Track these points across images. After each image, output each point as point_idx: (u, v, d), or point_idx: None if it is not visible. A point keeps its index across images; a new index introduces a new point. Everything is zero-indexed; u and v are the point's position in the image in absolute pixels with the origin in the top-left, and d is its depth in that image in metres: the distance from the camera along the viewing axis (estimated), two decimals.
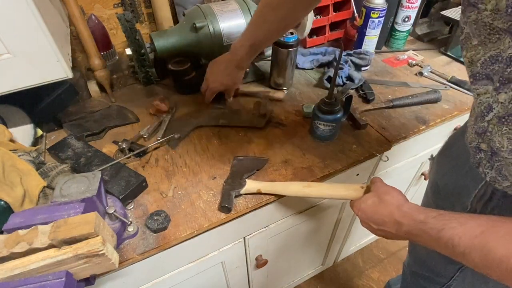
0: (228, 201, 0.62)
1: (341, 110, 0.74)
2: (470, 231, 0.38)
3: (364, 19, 0.98)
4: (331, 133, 0.76)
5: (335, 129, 0.75)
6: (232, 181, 0.66)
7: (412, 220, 0.46)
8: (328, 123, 0.73)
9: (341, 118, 0.74)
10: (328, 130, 0.75)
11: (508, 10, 0.34)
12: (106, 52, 0.89)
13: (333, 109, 0.72)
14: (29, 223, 0.45)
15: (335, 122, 0.73)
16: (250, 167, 0.70)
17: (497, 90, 0.41)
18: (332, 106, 0.72)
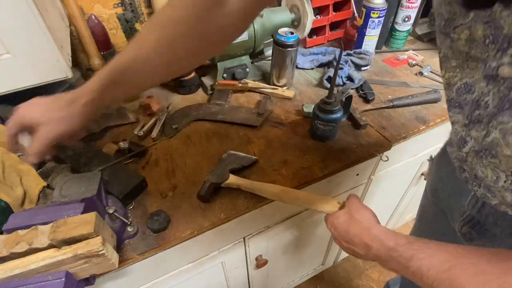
0: (206, 191, 0.64)
1: (341, 110, 0.74)
2: (438, 265, 0.38)
3: (364, 19, 0.98)
4: (331, 133, 0.76)
5: (334, 129, 0.75)
6: (216, 173, 0.68)
7: (381, 246, 0.46)
8: (328, 123, 0.73)
9: (341, 118, 0.74)
10: (328, 130, 0.75)
11: (486, 40, 0.32)
12: (106, 52, 0.89)
13: (333, 109, 0.72)
14: (29, 223, 0.45)
15: (335, 122, 0.73)
16: (237, 162, 0.72)
17: (467, 126, 0.40)
18: (332, 106, 0.72)
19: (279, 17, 0.93)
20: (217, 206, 0.65)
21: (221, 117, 0.84)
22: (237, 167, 0.70)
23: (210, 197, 0.65)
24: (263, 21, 0.88)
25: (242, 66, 0.94)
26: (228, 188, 0.67)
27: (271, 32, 0.93)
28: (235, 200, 0.65)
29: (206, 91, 0.94)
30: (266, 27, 0.90)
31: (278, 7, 0.97)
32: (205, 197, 0.64)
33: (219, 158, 0.73)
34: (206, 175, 0.69)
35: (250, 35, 0.87)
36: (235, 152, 0.74)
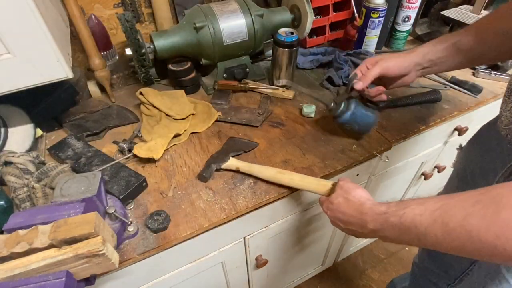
0: (207, 171, 0.68)
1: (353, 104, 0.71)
2: (429, 207, 0.39)
3: (364, 19, 0.98)
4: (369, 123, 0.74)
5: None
6: (217, 156, 0.72)
7: (374, 214, 0.47)
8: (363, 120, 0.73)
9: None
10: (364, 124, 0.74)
11: None
12: (106, 52, 0.89)
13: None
14: (29, 223, 0.45)
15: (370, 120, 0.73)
16: (239, 147, 0.75)
17: None
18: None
19: (279, 17, 0.93)
20: (217, 205, 0.65)
21: (222, 117, 0.84)
22: (239, 153, 0.74)
23: (210, 178, 0.69)
24: (263, 21, 0.89)
25: (242, 66, 0.94)
26: (230, 181, 0.67)
27: (271, 32, 0.93)
28: (235, 200, 0.65)
29: (207, 91, 0.94)
30: (266, 27, 0.90)
31: (278, 7, 0.98)
32: (205, 177, 0.68)
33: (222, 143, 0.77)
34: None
35: (250, 35, 0.87)
36: (237, 138, 0.78)
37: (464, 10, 1.06)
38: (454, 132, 1.03)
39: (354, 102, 0.71)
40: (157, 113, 0.83)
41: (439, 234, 0.38)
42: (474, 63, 0.68)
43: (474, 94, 0.93)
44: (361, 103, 0.72)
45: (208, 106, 0.86)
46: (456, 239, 0.36)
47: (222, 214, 0.63)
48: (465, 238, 0.35)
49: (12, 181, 0.59)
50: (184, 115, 0.83)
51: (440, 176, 1.24)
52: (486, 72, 0.99)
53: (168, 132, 0.77)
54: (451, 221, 0.36)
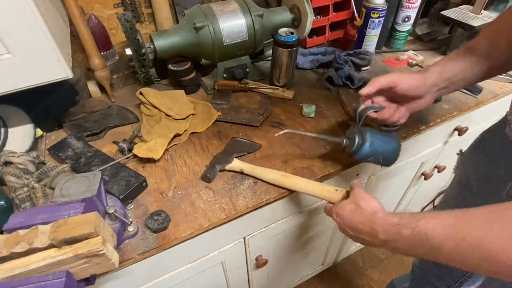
0: (211, 172, 0.68)
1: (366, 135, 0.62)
2: (443, 222, 0.39)
3: (364, 19, 0.98)
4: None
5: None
6: (221, 157, 0.72)
7: (386, 225, 0.46)
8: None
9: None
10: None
11: None
12: (106, 52, 0.89)
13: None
14: (29, 223, 0.45)
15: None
16: (242, 148, 0.75)
17: None
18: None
19: (279, 17, 0.93)
20: (217, 206, 0.65)
21: (222, 117, 0.84)
22: (242, 154, 0.74)
23: (214, 179, 0.69)
24: (263, 21, 0.89)
25: (242, 66, 0.94)
26: (230, 181, 0.67)
27: (271, 32, 0.93)
28: (235, 200, 0.65)
29: (206, 91, 0.94)
30: (266, 27, 0.90)
31: (278, 7, 0.98)
32: (209, 178, 0.68)
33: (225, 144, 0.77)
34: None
35: (250, 35, 0.87)
36: (240, 138, 0.78)
37: (464, 10, 1.06)
38: (454, 132, 1.03)
39: (369, 131, 0.62)
40: (157, 113, 0.83)
41: (452, 250, 0.37)
42: (493, 72, 0.58)
43: (474, 94, 0.92)
44: (376, 130, 0.64)
45: (208, 106, 0.86)
46: (470, 257, 0.36)
47: (222, 214, 0.63)
48: (480, 256, 0.35)
49: (12, 181, 0.59)
50: (184, 115, 0.83)
51: (440, 176, 1.24)
52: None
53: (168, 132, 0.77)
54: (466, 239, 0.36)
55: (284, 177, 0.66)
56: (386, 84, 0.60)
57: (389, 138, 0.63)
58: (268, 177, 0.67)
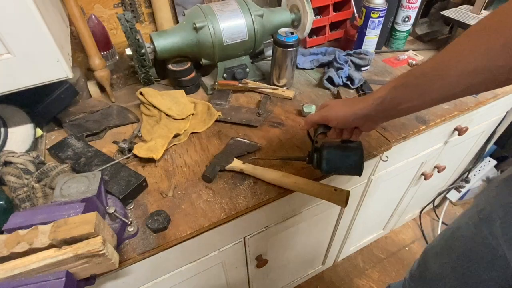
0: (211, 172, 0.68)
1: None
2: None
3: (364, 19, 0.98)
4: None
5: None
6: (221, 157, 0.72)
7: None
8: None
9: None
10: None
11: None
12: (106, 52, 0.89)
13: None
14: (29, 223, 0.45)
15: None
16: (242, 148, 0.75)
17: None
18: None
19: (279, 17, 0.93)
20: (217, 205, 0.65)
21: (222, 117, 0.84)
22: (242, 154, 0.74)
23: (214, 179, 0.69)
24: (263, 21, 0.89)
25: (242, 66, 0.94)
26: (230, 181, 0.67)
27: (271, 32, 0.93)
28: (235, 200, 0.65)
29: (206, 91, 0.94)
30: (266, 27, 0.90)
31: (278, 7, 0.98)
32: (209, 178, 0.68)
33: (225, 144, 0.77)
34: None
35: (250, 35, 0.87)
36: (241, 138, 0.78)
37: (464, 10, 1.06)
38: (454, 132, 1.03)
39: (326, 148, 0.62)
40: (157, 113, 0.83)
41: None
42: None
43: (474, 94, 0.93)
44: (335, 145, 0.62)
45: (208, 106, 0.86)
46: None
47: (222, 214, 0.63)
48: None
49: (12, 181, 0.59)
50: (184, 115, 0.83)
51: (440, 176, 1.24)
52: None
53: (168, 132, 0.77)
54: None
55: (284, 177, 0.66)
56: (319, 122, 0.60)
57: (349, 151, 0.62)
58: (268, 177, 0.67)
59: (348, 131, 0.60)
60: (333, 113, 0.56)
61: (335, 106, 0.57)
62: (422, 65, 0.43)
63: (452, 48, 0.39)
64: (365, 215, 1.13)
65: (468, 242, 0.63)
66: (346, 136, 0.60)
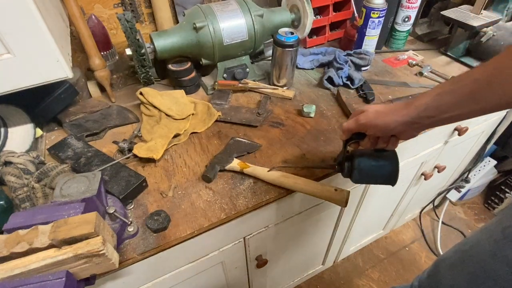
0: (211, 172, 0.68)
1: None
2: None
3: (364, 19, 0.98)
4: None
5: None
6: (221, 157, 0.71)
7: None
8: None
9: None
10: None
11: None
12: (106, 52, 0.89)
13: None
14: (29, 223, 0.45)
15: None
16: (242, 148, 0.75)
17: None
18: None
19: (279, 17, 0.93)
20: (217, 205, 0.65)
21: (222, 117, 0.84)
22: (242, 154, 0.74)
23: (214, 179, 0.69)
24: (263, 21, 0.89)
25: (242, 66, 0.94)
26: (230, 181, 0.67)
27: (271, 32, 0.93)
28: (235, 200, 0.65)
29: (206, 91, 0.94)
30: (266, 27, 0.90)
31: (278, 7, 0.98)
32: (209, 178, 0.67)
33: (225, 144, 0.77)
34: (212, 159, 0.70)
35: (250, 35, 0.87)
36: (240, 138, 0.78)
37: (464, 10, 1.06)
38: (454, 132, 1.03)
39: (358, 157, 0.58)
40: (157, 113, 0.83)
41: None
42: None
43: None
44: (368, 153, 0.59)
45: (208, 106, 0.86)
46: None
47: (222, 214, 0.63)
48: None
49: (12, 181, 0.59)
50: (184, 115, 0.83)
51: (440, 176, 1.24)
52: None
53: (168, 132, 0.77)
54: None
55: (284, 177, 0.66)
56: (356, 129, 0.56)
57: (383, 161, 0.58)
58: (268, 177, 0.67)
59: (385, 140, 0.56)
60: (371, 120, 0.53)
61: (373, 113, 0.53)
62: (473, 72, 0.42)
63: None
64: (365, 215, 1.13)
65: (488, 258, 0.61)
66: (381, 144, 0.56)
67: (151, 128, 0.80)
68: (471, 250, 0.67)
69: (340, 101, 0.89)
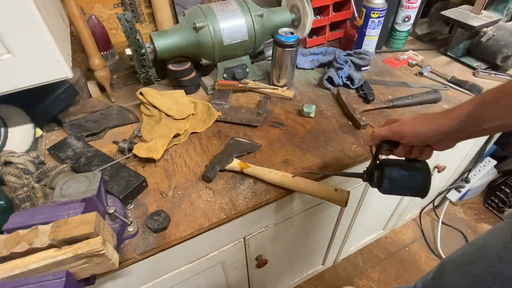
0: (211, 172, 0.68)
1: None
2: None
3: (364, 19, 0.98)
4: None
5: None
6: (221, 157, 0.71)
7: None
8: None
9: None
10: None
11: None
12: (106, 52, 0.89)
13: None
14: (29, 223, 0.45)
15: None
16: (242, 148, 0.75)
17: None
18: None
19: (279, 17, 0.93)
20: (217, 205, 0.65)
21: (222, 117, 0.84)
22: (242, 154, 0.74)
23: (214, 179, 0.69)
24: (263, 21, 0.89)
25: (242, 66, 0.94)
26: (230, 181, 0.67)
27: (271, 32, 0.93)
28: (235, 200, 0.65)
29: (206, 91, 0.94)
30: (266, 27, 0.90)
31: (278, 7, 0.98)
32: (209, 178, 0.68)
33: (225, 144, 0.77)
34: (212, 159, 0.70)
35: (250, 35, 0.87)
36: (240, 138, 0.78)
37: (464, 10, 1.06)
38: None
39: (389, 166, 0.56)
40: (157, 113, 0.83)
41: None
42: None
43: (474, 94, 0.93)
44: (399, 163, 0.56)
45: (208, 106, 0.86)
46: None
47: (222, 214, 0.63)
48: None
49: (12, 181, 0.59)
50: (184, 115, 0.83)
51: (440, 176, 1.24)
52: (486, 72, 0.99)
53: (168, 132, 0.77)
54: None
55: (284, 177, 0.66)
56: (389, 137, 0.54)
57: (415, 171, 0.56)
58: (268, 177, 0.67)
59: (419, 149, 0.54)
60: (408, 129, 0.51)
61: (410, 122, 0.52)
62: None
63: None
64: (365, 215, 1.13)
65: (495, 261, 0.61)
66: (415, 154, 0.54)
67: (151, 128, 0.80)
68: (478, 252, 0.67)
69: (340, 101, 0.90)
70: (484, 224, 1.62)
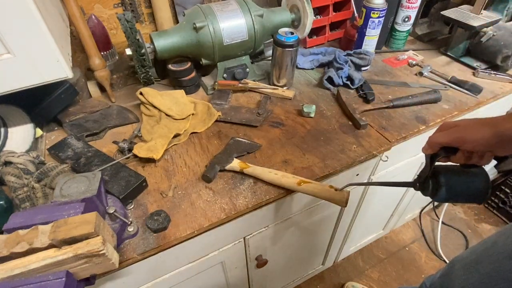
0: (211, 172, 0.68)
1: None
2: None
3: (364, 19, 0.98)
4: None
5: None
6: (221, 157, 0.71)
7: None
8: None
9: None
10: None
11: None
12: (106, 52, 0.89)
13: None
14: (29, 223, 0.45)
15: None
16: (242, 148, 0.75)
17: None
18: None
19: (279, 17, 0.93)
20: (217, 205, 0.65)
21: (222, 117, 0.84)
22: (242, 154, 0.74)
23: (214, 179, 0.69)
24: (263, 21, 0.89)
25: (242, 66, 0.94)
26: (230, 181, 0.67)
27: (271, 32, 0.93)
28: (235, 200, 0.65)
29: (206, 91, 0.94)
30: (266, 27, 0.90)
31: (278, 7, 0.98)
32: (209, 178, 0.68)
33: (225, 144, 0.77)
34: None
35: (250, 35, 0.87)
36: (240, 138, 0.78)
37: (464, 10, 1.06)
38: None
39: (444, 173, 0.53)
40: (157, 113, 0.83)
41: None
42: None
43: (474, 94, 0.93)
44: (456, 170, 0.54)
45: (208, 106, 0.86)
46: None
47: (222, 214, 0.63)
48: None
49: (12, 181, 0.59)
50: (184, 115, 0.83)
51: None
52: (486, 72, 0.99)
53: (168, 132, 0.77)
54: None
55: (284, 177, 0.66)
56: (449, 143, 0.51)
57: (473, 177, 0.53)
58: (268, 177, 0.67)
59: (479, 155, 0.51)
60: (469, 134, 0.49)
61: (471, 126, 0.49)
62: None
63: None
64: (365, 215, 1.13)
65: (503, 259, 0.60)
66: (475, 160, 0.52)
67: (151, 128, 0.80)
68: (487, 251, 0.66)
69: (340, 101, 0.90)
70: (484, 224, 1.62)
